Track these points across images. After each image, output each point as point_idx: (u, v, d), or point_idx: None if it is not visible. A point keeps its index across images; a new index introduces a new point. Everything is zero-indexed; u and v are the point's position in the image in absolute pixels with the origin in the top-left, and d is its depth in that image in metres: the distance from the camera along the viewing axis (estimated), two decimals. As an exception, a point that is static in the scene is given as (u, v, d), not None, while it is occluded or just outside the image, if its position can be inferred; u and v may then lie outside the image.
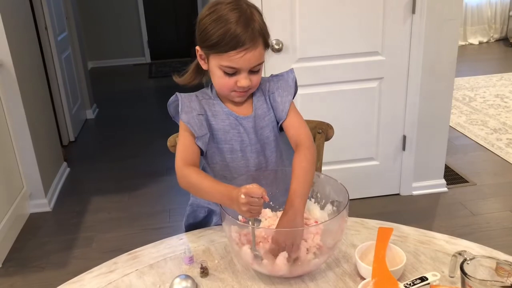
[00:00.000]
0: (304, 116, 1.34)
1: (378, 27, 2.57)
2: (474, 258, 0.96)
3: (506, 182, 3.10)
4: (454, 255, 1.00)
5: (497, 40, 7.24)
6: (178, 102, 1.21)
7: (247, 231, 1.06)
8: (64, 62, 3.99)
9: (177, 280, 1.01)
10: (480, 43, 7.18)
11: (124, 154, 3.82)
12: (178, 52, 6.97)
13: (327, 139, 1.57)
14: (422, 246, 1.14)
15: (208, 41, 1.11)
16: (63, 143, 3.93)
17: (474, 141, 3.71)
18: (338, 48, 2.59)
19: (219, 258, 1.13)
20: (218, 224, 1.31)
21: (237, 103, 1.23)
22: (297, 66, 2.54)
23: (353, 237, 1.18)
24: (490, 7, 7.14)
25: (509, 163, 3.31)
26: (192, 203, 1.39)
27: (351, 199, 1.07)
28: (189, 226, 1.39)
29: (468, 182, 3.09)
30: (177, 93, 1.22)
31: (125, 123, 4.57)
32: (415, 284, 0.92)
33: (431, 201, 2.90)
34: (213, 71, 1.16)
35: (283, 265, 1.00)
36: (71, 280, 1.09)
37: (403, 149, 2.86)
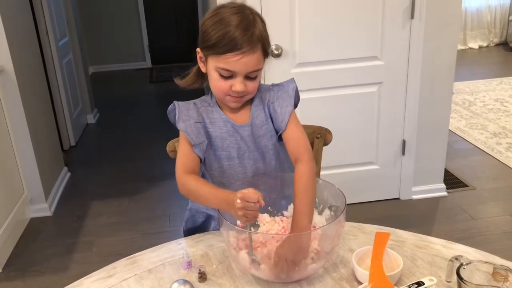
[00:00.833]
0: (304, 121, 1.35)
1: (377, 32, 2.58)
2: (471, 263, 0.97)
3: (506, 187, 3.10)
4: (451, 260, 1.00)
5: (497, 45, 7.26)
6: (172, 109, 1.23)
7: (245, 236, 1.06)
8: (65, 67, 4.01)
9: (175, 285, 1.02)
10: (480, 48, 7.20)
11: (125, 159, 3.83)
12: (179, 57, 6.98)
13: (326, 144, 1.57)
14: (419, 251, 1.15)
15: (207, 42, 1.12)
16: (64, 148, 3.95)
17: (474, 145, 3.71)
18: (337, 53, 2.60)
19: (217, 263, 1.13)
20: (217, 229, 1.31)
21: (235, 110, 1.23)
22: (297, 71, 2.55)
23: (351, 242, 1.19)
24: (490, 12, 7.17)
25: (509, 167, 3.31)
26: (191, 208, 1.40)
27: (351, 204, 1.07)
28: (188, 231, 1.41)
29: (468, 186, 3.09)
30: (175, 102, 1.23)
31: (126, 128, 4.59)
32: (412, 289, 0.93)
33: (431, 206, 2.91)
34: (210, 73, 1.17)
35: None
36: (70, 285, 1.09)
37: (403, 154, 2.87)
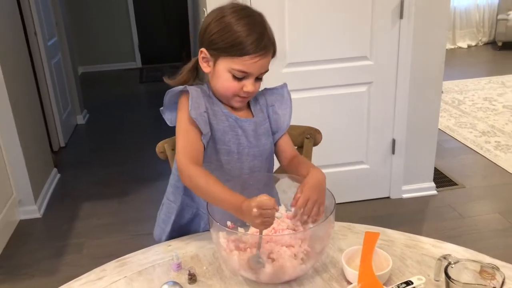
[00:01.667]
0: (293, 121, 1.36)
1: (367, 32, 2.59)
2: (459, 262, 0.97)
3: (495, 185, 3.13)
4: (439, 259, 1.01)
5: (486, 44, 7.33)
6: (178, 93, 1.19)
7: (235, 237, 1.06)
8: (54, 68, 3.98)
9: (165, 287, 1.02)
10: (469, 47, 7.25)
11: (115, 160, 3.81)
12: (169, 57, 6.96)
13: (315, 144, 1.58)
14: (409, 250, 1.16)
15: (222, 43, 1.13)
16: (54, 149, 3.92)
17: (463, 144, 3.74)
18: (327, 53, 2.61)
19: (207, 264, 1.13)
20: (206, 230, 1.31)
21: (235, 109, 1.25)
22: (287, 71, 2.56)
23: (340, 242, 1.19)
24: (478, 11, 7.23)
25: (498, 166, 3.34)
26: (182, 202, 1.35)
27: (341, 203, 1.08)
28: (174, 224, 1.36)
29: (458, 185, 3.11)
30: (187, 86, 1.19)
31: (116, 129, 4.56)
32: (401, 288, 0.93)
33: (421, 204, 2.93)
34: (220, 74, 1.17)
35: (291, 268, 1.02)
36: (59, 288, 1.09)
37: (393, 153, 2.88)
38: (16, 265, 2.50)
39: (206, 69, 1.21)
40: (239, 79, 1.16)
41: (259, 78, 1.19)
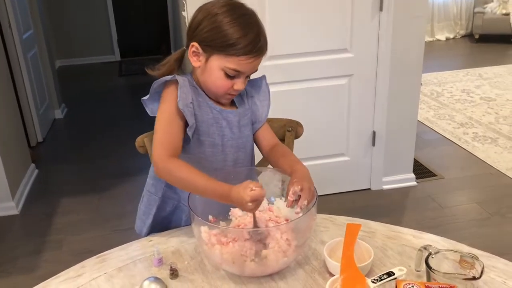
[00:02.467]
0: (274, 114, 1.36)
1: (347, 25, 2.60)
2: (439, 252, 0.98)
3: (473, 175, 3.18)
4: (420, 250, 1.02)
5: (463, 36, 7.43)
6: (164, 83, 1.17)
7: (217, 231, 1.05)
8: (30, 61, 3.89)
9: (146, 283, 1.00)
10: (447, 39, 7.35)
11: (94, 154, 3.76)
12: (148, 50, 6.88)
13: (297, 137, 1.58)
14: (390, 241, 1.16)
15: (218, 41, 1.11)
16: (31, 144, 3.84)
17: (442, 136, 3.79)
18: (307, 46, 2.60)
19: (189, 259, 1.12)
20: (188, 224, 1.29)
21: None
22: (267, 64, 2.53)
23: (322, 234, 1.20)
24: (456, 4, 7.32)
25: (475, 157, 3.40)
26: (163, 194, 1.32)
27: (322, 195, 1.08)
28: (155, 216, 1.34)
29: (437, 176, 3.16)
30: (176, 75, 1.16)
31: (95, 123, 4.50)
32: (382, 280, 0.94)
33: (401, 195, 2.96)
34: (212, 72, 1.16)
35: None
36: (38, 286, 1.06)
37: (373, 145, 2.90)
38: (-6, 263, 2.45)
39: (196, 64, 1.19)
40: (231, 77, 1.16)
41: (248, 76, 1.21)
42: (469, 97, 4.65)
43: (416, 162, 3.18)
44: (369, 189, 3.01)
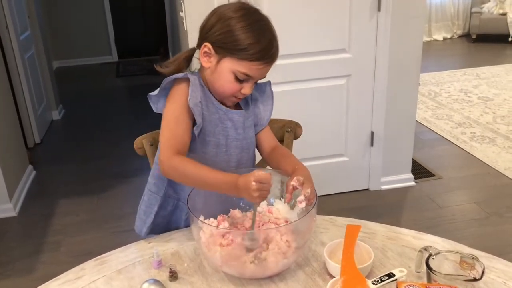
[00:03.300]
0: (273, 115, 1.36)
1: (345, 25, 2.60)
2: (439, 253, 0.98)
3: (471, 175, 3.18)
4: (420, 251, 1.01)
5: (460, 36, 7.44)
6: (175, 80, 1.16)
7: (217, 233, 1.05)
8: (28, 62, 3.88)
9: (146, 285, 1.00)
10: (445, 39, 7.36)
11: (92, 155, 3.75)
12: (146, 50, 6.87)
13: (296, 138, 1.57)
14: (390, 242, 1.16)
15: (231, 45, 1.11)
16: (28, 146, 3.83)
17: (440, 136, 3.80)
18: (306, 46, 2.60)
19: (189, 261, 1.12)
20: (187, 224, 1.29)
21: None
22: (266, 64, 2.54)
23: (322, 235, 1.19)
24: (453, 4, 7.33)
25: (473, 156, 3.40)
26: (165, 193, 1.31)
27: (321, 196, 1.08)
28: (156, 218, 1.33)
29: (435, 176, 3.16)
30: (187, 73, 1.17)
31: (92, 124, 4.49)
32: (383, 281, 0.93)
33: (400, 195, 2.96)
34: (222, 74, 1.15)
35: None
36: (36, 289, 1.06)
37: (371, 145, 2.90)
38: (-9, 265, 2.44)
39: (206, 64, 1.18)
40: (240, 81, 1.16)
41: (256, 81, 1.21)
42: (467, 97, 4.65)
43: (415, 162, 3.18)
44: (368, 190, 3.01)
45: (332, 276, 1.03)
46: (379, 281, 0.93)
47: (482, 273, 0.92)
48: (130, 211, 2.88)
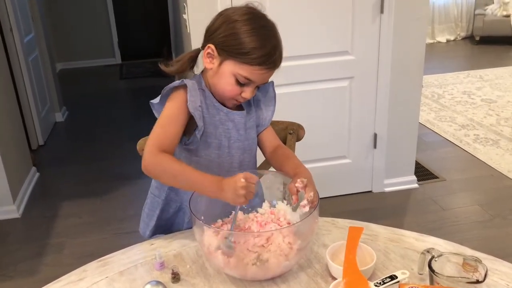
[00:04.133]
0: (275, 117, 1.36)
1: (348, 27, 2.60)
2: (442, 255, 0.98)
3: (474, 177, 3.17)
4: (423, 253, 1.01)
5: (464, 38, 7.42)
6: (174, 87, 1.17)
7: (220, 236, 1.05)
8: (31, 64, 3.89)
9: (148, 287, 1.00)
10: (448, 41, 7.34)
11: (95, 157, 3.76)
12: (149, 53, 6.88)
13: (298, 140, 1.58)
14: (392, 244, 1.16)
15: (234, 48, 1.12)
16: (32, 147, 3.84)
17: (443, 138, 3.79)
18: (308, 48, 2.60)
19: (191, 263, 1.12)
20: (190, 227, 1.29)
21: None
22: (268, 66, 2.54)
23: (324, 237, 1.19)
24: (457, 6, 7.32)
25: (477, 159, 3.39)
26: (167, 197, 1.33)
27: (324, 198, 1.08)
28: (158, 218, 1.35)
29: (438, 178, 3.15)
30: (184, 80, 1.17)
31: (96, 126, 4.50)
32: (385, 283, 0.93)
33: (403, 198, 2.95)
34: (224, 76, 1.16)
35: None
36: (39, 290, 1.06)
37: (374, 147, 2.90)
38: (-5, 267, 2.45)
39: (209, 65, 1.18)
40: (241, 85, 1.16)
41: (258, 86, 1.20)
42: (470, 99, 4.64)
43: (418, 164, 3.17)
44: (371, 192, 3.00)
45: (334, 278, 1.02)
46: (382, 283, 0.93)
47: (485, 276, 0.92)
48: (133, 213, 2.90)
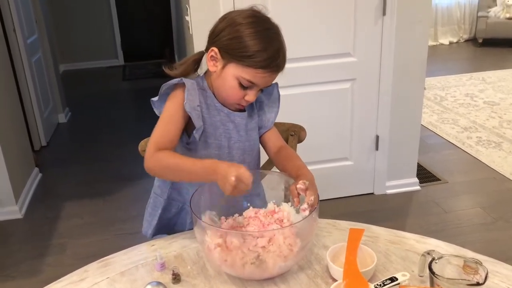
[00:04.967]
0: (277, 118, 1.36)
1: (350, 29, 2.60)
2: (442, 257, 0.98)
3: (476, 180, 3.17)
4: (423, 255, 1.01)
5: (466, 41, 7.42)
6: (173, 85, 1.18)
7: (221, 233, 1.05)
8: (35, 66, 3.91)
9: (148, 287, 1.00)
10: (451, 43, 7.34)
11: (97, 158, 3.77)
12: (152, 54, 6.90)
13: (300, 141, 1.58)
14: (393, 246, 1.16)
15: (237, 51, 1.12)
16: (35, 148, 3.85)
17: (446, 140, 3.78)
18: (311, 50, 2.60)
19: (192, 264, 1.12)
20: (192, 227, 1.29)
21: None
22: (270, 68, 2.55)
23: (325, 239, 1.19)
24: (459, 8, 7.31)
25: (479, 161, 3.39)
26: (169, 196, 1.34)
27: (326, 200, 1.08)
28: (160, 218, 1.35)
29: (440, 180, 3.14)
30: (183, 78, 1.18)
31: (99, 127, 4.51)
32: (385, 285, 0.93)
33: (405, 200, 2.95)
34: (227, 79, 1.16)
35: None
36: (40, 290, 1.07)
37: (376, 149, 2.90)
38: (-3, 267, 2.46)
39: (212, 68, 1.19)
40: (244, 88, 1.16)
41: (261, 89, 1.20)
42: (473, 101, 4.63)
43: (420, 167, 3.17)
44: (373, 194, 3.00)
45: (335, 280, 1.02)
46: (382, 285, 0.93)
47: (486, 278, 0.92)
48: (135, 214, 2.90)
